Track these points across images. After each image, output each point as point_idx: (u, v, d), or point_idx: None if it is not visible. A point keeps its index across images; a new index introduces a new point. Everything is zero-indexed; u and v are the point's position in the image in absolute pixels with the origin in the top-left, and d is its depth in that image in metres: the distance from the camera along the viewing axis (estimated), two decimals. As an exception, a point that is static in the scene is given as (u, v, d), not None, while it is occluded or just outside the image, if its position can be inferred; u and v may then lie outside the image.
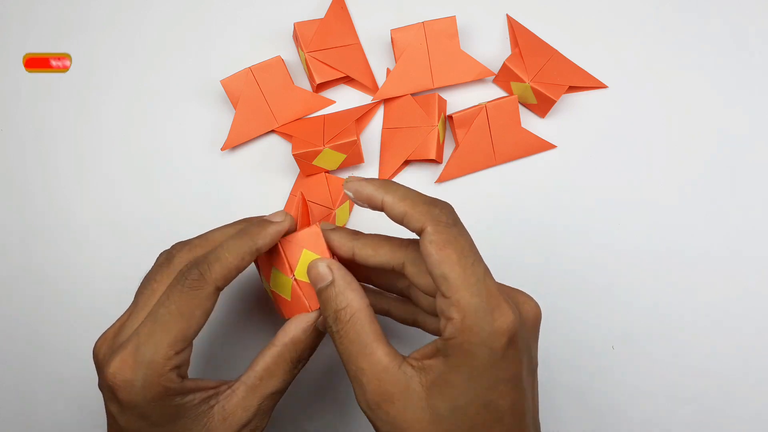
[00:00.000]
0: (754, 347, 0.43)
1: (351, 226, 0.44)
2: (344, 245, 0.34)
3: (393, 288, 0.37)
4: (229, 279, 0.32)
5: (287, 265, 0.33)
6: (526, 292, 0.32)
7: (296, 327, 0.34)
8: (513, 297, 0.31)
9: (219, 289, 0.32)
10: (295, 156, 0.41)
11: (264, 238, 0.33)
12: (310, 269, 0.33)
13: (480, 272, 0.29)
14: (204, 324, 0.32)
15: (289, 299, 0.34)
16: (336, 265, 0.32)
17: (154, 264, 0.34)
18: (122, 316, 0.34)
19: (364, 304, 0.31)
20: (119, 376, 0.30)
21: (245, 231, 0.33)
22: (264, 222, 0.34)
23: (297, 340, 0.34)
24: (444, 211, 0.30)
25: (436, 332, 0.35)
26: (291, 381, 0.34)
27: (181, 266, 0.32)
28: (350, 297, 0.31)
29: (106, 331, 0.33)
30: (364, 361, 0.30)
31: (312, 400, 0.44)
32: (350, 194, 0.32)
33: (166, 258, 0.34)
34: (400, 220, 0.30)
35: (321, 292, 0.32)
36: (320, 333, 0.35)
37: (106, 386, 0.31)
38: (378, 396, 0.29)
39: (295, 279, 0.34)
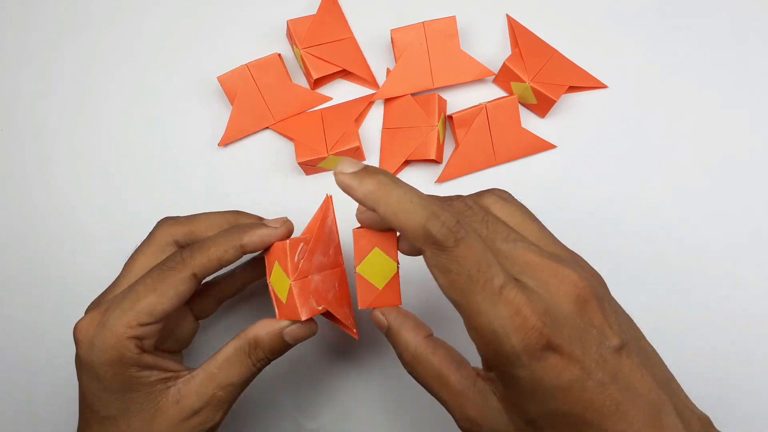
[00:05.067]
0: (754, 347, 0.43)
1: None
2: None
3: None
4: (209, 269, 0.33)
5: (288, 268, 0.32)
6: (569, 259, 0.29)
7: (262, 328, 0.33)
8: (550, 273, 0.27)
9: (196, 276, 0.33)
10: (300, 164, 0.42)
11: (251, 237, 0.33)
12: (372, 317, 0.32)
13: (496, 287, 0.25)
14: (176, 307, 0.32)
15: (284, 302, 0.33)
16: (390, 310, 0.32)
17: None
18: (111, 284, 0.36)
19: (420, 339, 0.31)
20: (83, 332, 0.32)
21: (237, 227, 0.34)
22: (257, 223, 0.34)
23: (258, 340, 0.33)
24: (444, 226, 0.26)
25: None
26: (250, 379, 0.34)
27: (162, 240, 0.35)
28: (405, 338, 0.31)
29: (96, 298, 0.35)
30: (442, 393, 0.30)
31: (312, 400, 0.44)
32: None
33: (151, 231, 0.36)
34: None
35: (387, 338, 0.32)
36: (287, 343, 0.34)
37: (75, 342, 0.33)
38: (465, 423, 0.29)
39: (271, 286, 0.33)
